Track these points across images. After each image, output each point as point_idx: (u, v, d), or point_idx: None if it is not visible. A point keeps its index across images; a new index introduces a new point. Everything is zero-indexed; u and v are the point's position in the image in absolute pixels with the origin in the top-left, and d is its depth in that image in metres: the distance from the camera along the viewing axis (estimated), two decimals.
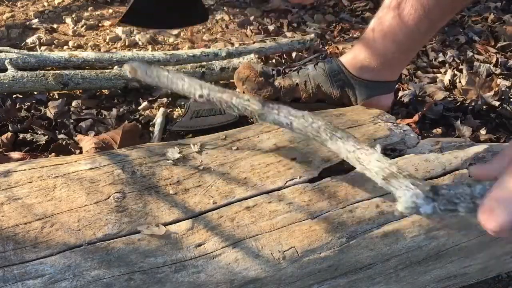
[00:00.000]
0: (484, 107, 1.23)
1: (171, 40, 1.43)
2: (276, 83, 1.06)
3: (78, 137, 1.00)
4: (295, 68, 1.10)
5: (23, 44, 1.32)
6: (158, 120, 1.07)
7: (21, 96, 1.12)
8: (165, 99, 1.16)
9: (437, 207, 0.47)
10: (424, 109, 1.17)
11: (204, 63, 1.22)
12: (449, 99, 1.25)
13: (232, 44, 1.43)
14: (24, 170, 0.66)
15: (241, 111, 0.64)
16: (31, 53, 1.18)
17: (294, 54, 1.41)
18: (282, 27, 1.57)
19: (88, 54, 1.21)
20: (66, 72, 1.11)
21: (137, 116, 1.12)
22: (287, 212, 0.66)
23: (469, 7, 1.74)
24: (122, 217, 0.62)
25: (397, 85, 1.19)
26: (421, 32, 0.92)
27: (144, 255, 0.59)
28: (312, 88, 1.04)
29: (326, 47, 1.48)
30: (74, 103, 1.11)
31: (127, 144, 0.81)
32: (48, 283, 0.55)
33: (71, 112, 1.09)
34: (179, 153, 0.68)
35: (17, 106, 1.08)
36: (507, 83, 1.32)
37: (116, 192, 0.64)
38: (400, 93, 1.24)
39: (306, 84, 1.05)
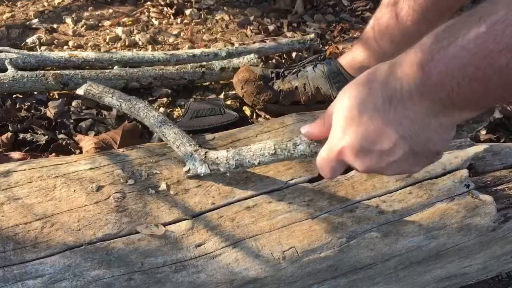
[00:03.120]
0: None
1: (171, 40, 1.43)
2: (276, 86, 1.06)
3: (78, 137, 1.00)
4: (294, 70, 1.10)
5: (23, 44, 1.32)
6: None
7: (21, 96, 1.12)
8: (165, 99, 1.16)
9: (208, 167, 0.65)
10: None
11: (204, 63, 1.21)
12: None
13: (232, 44, 1.43)
14: (24, 170, 0.66)
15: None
16: (31, 53, 1.18)
17: (294, 54, 1.41)
18: (282, 27, 1.57)
19: (88, 54, 1.21)
20: (66, 72, 1.11)
21: None
22: (287, 212, 0.66)
23: (468, 6, 1.74)
24: (122, 217, 0.62)
25: None
26: (419, 32, 0.92)
27: (144, 255, 0.59)
28: (311, 91, 1.04)
29: (326, 47, 1.48)
30: (74, 103, 1.11)
31: (127, 144, 0.81)
32: (48, 283, 0.55)
33: (71, 112, 1.08)
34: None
35: (17, 106, 1.08)
36: None
37: (116, 192, 0.64)
38: None
39: (305, 87, 1.05)
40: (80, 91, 0.84)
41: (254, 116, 1.13)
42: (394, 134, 0.45)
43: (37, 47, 1.31)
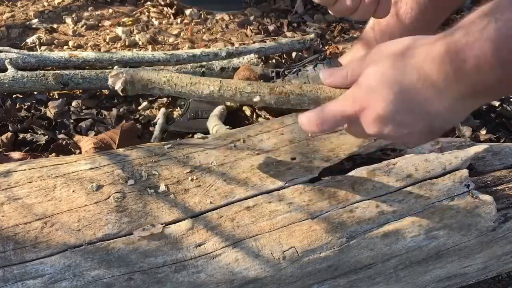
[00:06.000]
0: (484, 107, 1.23)
1: (171, 40, 1.43)
2: None
3: (77, 137, 1.00)
4: (294, 70, 1.10)
5: (23, 44, 1.32)
6: (159, 120, 1.07)
7: (21, 96, 1.12)
8: (165, 99, 1.16)
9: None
10: None
11: (204, 63, 1.22)
12: None
13: (232, 44, 1.43)
14: (24, 170, 0.66)
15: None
16: (31, 53, 1.18)
17: (294, 54, 1.41)
18: (282, 27, 1.57)
19: (88, 54, 1.21)
20: (66, 72, 1.11)
21: (137, 116, 1.12)
22: (287, 212, 0.66)
23: (468, 7, 1.74)
24: (122, 217, 0.62)
25: None
26: (418, 31, 0.92)
27: (144, 255, 0.59)
28: None
29: (326, 47, 1.48)
30: (74, 103, 1.12)
31: (126, 144, 0.81)
32: (48, 283, 0.55)
33: (71, 112, 1.09)
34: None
35: (17, 106, 1.08)
36: None
37: (116, 192, 0.64)
38: None
39: None
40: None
41: (254, 116, 1.13)
42: (420, 111, 0.47)
43: (37, 47, 1.31)
